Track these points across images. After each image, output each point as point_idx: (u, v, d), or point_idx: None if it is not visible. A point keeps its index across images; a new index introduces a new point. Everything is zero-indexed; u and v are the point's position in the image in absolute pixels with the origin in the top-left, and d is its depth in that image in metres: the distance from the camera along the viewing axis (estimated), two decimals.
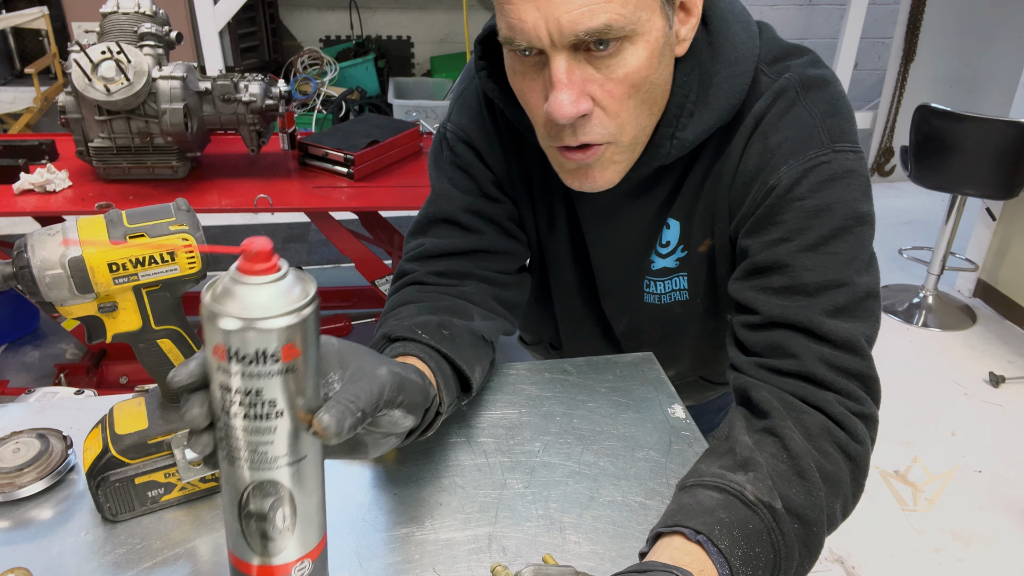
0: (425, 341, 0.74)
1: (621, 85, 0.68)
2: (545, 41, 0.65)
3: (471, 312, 0.84)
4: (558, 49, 0.65)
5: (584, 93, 0.68)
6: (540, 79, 0.70)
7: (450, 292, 0.85)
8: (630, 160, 0.76)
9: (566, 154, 0.74)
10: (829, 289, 0.71)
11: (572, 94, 0.67)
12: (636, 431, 0.84)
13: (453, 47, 4.98)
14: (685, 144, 0.77)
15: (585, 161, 0.73)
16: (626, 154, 0.75)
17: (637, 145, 0.75)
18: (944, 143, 2.72)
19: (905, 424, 2.48)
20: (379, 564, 0.67)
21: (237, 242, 0.48)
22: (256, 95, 1.86)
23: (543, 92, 0.70)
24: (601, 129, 0.71)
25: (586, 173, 0.75)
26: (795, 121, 0.74)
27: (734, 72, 0.75)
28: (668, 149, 0.77)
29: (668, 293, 0.92)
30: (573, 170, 0.76)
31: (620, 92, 0.69)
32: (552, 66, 0.66)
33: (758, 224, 0.75)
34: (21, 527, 0.71)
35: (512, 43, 0.67)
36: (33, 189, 1.89)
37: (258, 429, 0.51)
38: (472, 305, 0.85)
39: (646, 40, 0.67)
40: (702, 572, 0.57)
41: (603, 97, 0.69)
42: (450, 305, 0.82)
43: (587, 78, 0.67)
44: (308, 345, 0.51)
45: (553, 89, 0.67)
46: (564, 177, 0.78)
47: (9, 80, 4.85)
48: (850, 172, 0.73)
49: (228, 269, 0.49)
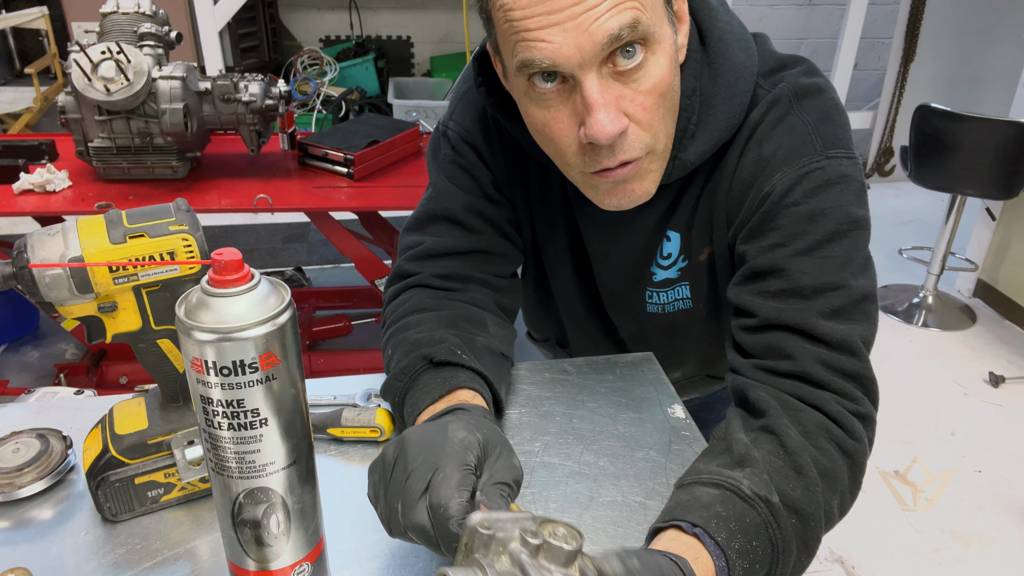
0: (468, 364, 0.75)
1: (651, 96, 0.68)
2: (574, 60, 0.64)
3: (485, 320, 0.84)
4: (587, 69, 0.65)
5: (619, 110, 0.67)
6: (567, 107, 0.68)
7: (460, 298, 0.85)
8: (662, 167, 0.76)
9: (603, 174, 0.72)
10: (824, 292, 0.71)
11: (611, 112, 0.66)
12: (636, 431, 0.84)
13: (453, 47, 4.97)
14: (687, 165, 0.78)
15: (624, 176, 0.72)
16: (660, 161, 0.75)
17: (667, 153, 0.75)
18: (944, 143, 2.72)
19: (905, 424, 2.48)
20: (379, 564, 0.67)
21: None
22: (256, 95, 1.86)
23: (573, 119, 0.69)
24: (638, 143, 0.70)
25: (624, 188, 0.74)
26: (788, 129, 0.75)
27: (733, 93, 0.76)
28: (670, 170, 0.77)
29: (671, 303, 0.92)
30: (610, 188, 0.74)
31: (651, 103, 0.69)
32: (585, 88, 0.65)
33: (754, 230, 0.76)
34: (21, 527, 0.71)
35: (533, 65, 0.65)
36: (33, 189, 1.89)
37: (243, 438, 0.51)
38: (485, 312, 0.86)
39: (663, 48, 0.67)
40: (697, 560, 0.58)
41: (635, 111, 0.68)
42: (466, 314, 0.83)
43: (619, 95, 0.67)
44: (287, 352, 0.51)
45: (591, 111, 0.66)
46: (599, 199, 0.76)
47: (9, 80, 4.85)
48: (844, 177, 0.73)
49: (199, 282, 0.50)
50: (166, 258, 0.65)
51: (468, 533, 0.49)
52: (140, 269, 0.64)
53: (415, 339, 0.78)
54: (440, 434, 0.58)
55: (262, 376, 0.50)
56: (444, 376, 0.73)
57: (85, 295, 0.64)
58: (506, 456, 0.60)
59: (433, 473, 0.55)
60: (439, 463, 0.55)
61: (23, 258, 0.62)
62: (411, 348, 0.77)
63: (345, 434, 0.81)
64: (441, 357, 0.74)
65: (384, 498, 0.57)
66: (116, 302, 0.66)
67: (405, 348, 0.78)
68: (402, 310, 0.84)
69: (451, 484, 0.54)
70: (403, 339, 0.79)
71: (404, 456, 0.57)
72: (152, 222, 0.65)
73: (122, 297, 0.66)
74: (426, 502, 0.54)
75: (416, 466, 0.56)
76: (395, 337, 0.81)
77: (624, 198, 0.75)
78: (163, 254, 0.64)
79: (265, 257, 3.40)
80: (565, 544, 0.48)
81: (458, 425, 0.59)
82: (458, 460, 0.56)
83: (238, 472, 0.53)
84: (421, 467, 0.55)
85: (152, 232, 0.64)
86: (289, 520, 0.56)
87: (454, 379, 0.73)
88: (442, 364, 0.75)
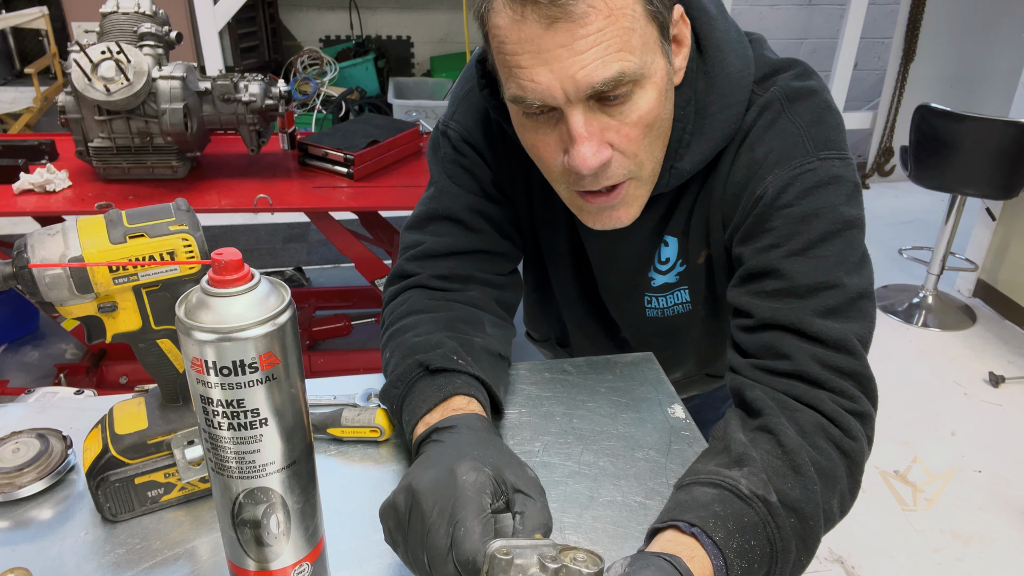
0: (464, 369, 0.75)
1: (636, 127, 0.70)
2: (560, 99, 0.66)
3: (483, 321, 0.84)
4: (574, 104, 0.66)
5: (603, 142, 0.69)
6: (554, 133, 0.71)
7: (458, 299, 0.86)
8: (648, 192, 0.78)
9: (588, 198, 0.75)
10: (819, 291, 0.72)
11: (593, 145, 0.68)
12: (636, 431, 0.84)
13: (453, 47, 4.97)
14: (683, 174, 0.78)
15: (609, 203, 0.75)
16: (645, 187, 0.77)
17: (654, 176, 0.77)
18: (944, 143, 2.72)
19: (905, 424, 2.48)
20: (379, 564, 0.67)
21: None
22: (256, 95, 1.86)
23: (559, 145, 0.71)
24: (622, 170, 0.72)
25: (609, 214, 0.77)
26: (780, 132, 0.76)
27: (729, 102, 0.76)
28: (667, 180, 0.79)
29: (671, 307, 0.93)
30: (595, 212, 0.77)
31: (636, 134, 0.70)
32: (570, 122, 0.67)
33: (749, 232, 0.76)
34: (21, 527, 0.71)
35: (523, 102, 0.68)
36: (33, 189, 1.89)
37: (243, 438, 0.51)
38: (482, 312, 0.86)
39: (653, 82, 0.69)
40: (693, 559, 0.58)
41: (620, 141, 0.70)
42: (463, 315, 0.83)
43: (604, 127, 0.69)
44: (287, 352, 0.51)
45: (574, 144, 0.68)
46: (585, 219, 0.79)
47: (9, 80, 4.85)
48: (836, 178, 0.74)
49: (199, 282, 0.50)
50: (166, 258, 0.65)
51: (488, 560, 0.50)
52: (140, 269, 0.64)
53: (412, 343, 0.78)
54: (450, 481, 0.57)
55: (262, 376, 0.50)
56: (440, 383, 0.74)
57: (85, 295, 0.64)
58: (533, 504, 0.59)
59: (454, 528, 0.54)
60: (457, 516, 0.55)
61: (23, 258, 0.62)
62: (408, 353, 0.77)
63: (345, 434, 0.81)
64: (437, 364, 0.75)
65: (404, 545, 0.57)
66: (116, 302, 0.66)
67: (402, 353, 0.78)
68: (400, 311, 0.84)
69: (474, 537, 0.54)
70: (400, 342, 0.79)
71: (419, 508, 0.56)
72: (152, 222, 0.65)
73: (122, 297, 0.66)
74: (452, 558, 0.54)
75: (434, 519, 0.55)
76: (393, 340, 0.81)
77: (609, 222, 0.77)
78: (163, 254, 0.64)
79: (265, 257, 3.40)
80: (584, 568, 0.48)
81: (466, 467, 0.58)
82: (475, 508, 0.55)
83: (238, 472, 0.53)
84: (439, 519, 0.55)
85: (152, 232, 0.64)
86: (289, 520, 0.56)
87: (449, 385, 0.73)
88: (438, 371, 0.75)
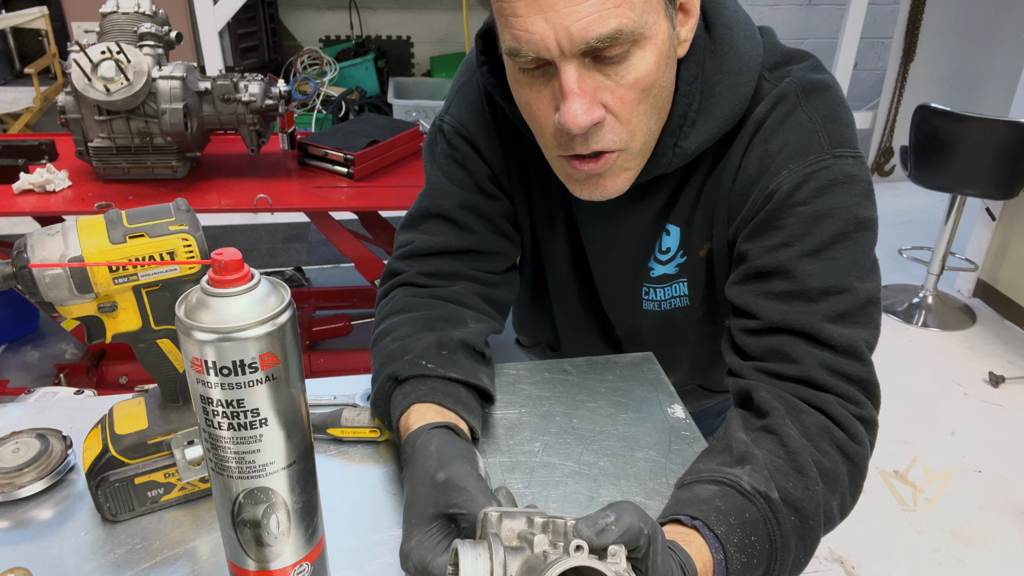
0: (432, 373, 0.74)
1: (632, 90, 0.68)
2: (554, 51, 0.64)
3: (464, 316, 0.84)
4: (568, 58, 0.65)
5: (596, 101, 0.67)
6: (548, 90, 0.69)
7: (440, 294, 0.85)
8: (639, 166, 0.76)
9: (576, 164, 0.73)
10: (830, 295, 0.71)
11: (585, 103, 0.66)
12: (636, 431, 0.84)
13: (453, 47, 4.97)
14: (687, 153, 0.76)
15: (596, 171, 0.73)
16: (636, 160, 0.74)
17: (646, 151, 0.75)
18: (944, 143, 2.71)
19: (905, 424, 2.48)
20: (379, 564, 0.67)
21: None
22: (256, 95, 1.86)
23: (552, 103, 0.69)
24: (613, 136, 0.70)
25: (596, 182, 0.74)
26: (795, 126, 0.74)
27: (737, 81, 0.75)
28: (670, 158, 0.77)
29: (668, 300, 0.92)
30: (582, 180, 0.75)
31: (631, 97, 0.68)
32: (562, 76, 0.65)
33: (758, 228, 0.75)
34: (21, 527, 0.71)
35: (518, 54, 0.66)
36: (33, 189, 1.89)
37: (243, 438, 0.51)
38: (464, 308, 0.85)
39: (653, 44, 0.67)
40: (690, 544, 0.58)
41: (614, 104, 0.68)
42: (443, 314, 0.82)
43: (598, 86, 0.67)
44: (287, 352, 0.51)
45: (565, 99, 0.66)
46: (572, 187, 0.77)
47: (9, 80, 4.85)
48: (851, 177, 0.73)
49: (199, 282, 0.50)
50: (166, 258, 0.65)
51: (481, 523, 0.51)
52: (140, 269, 0.64)
53: (390, 350, 0.78)
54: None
55: (262, 376, 0.50)
56: (405, 391, 0.73)
57: (85, 295, 0.64)
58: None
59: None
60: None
61: (23, 258, 0.62)
62: (384, 363, 0.77)
63: (345, 434, 0.81)
64: (405, 373, 0.74)
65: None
66: (116, 302, 0.66)
67: (380, 361, 0.78)
68: (385, 311, 0.84)
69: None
70: (380, 348, 0.80)
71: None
72: (152, 222, 0.65)
73: (122, 297, 0.66)
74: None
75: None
76: (376, 344, 0.82)
77: (596, 191, 0.75)
78: (163, 254, 0.64)
79: (265, 257, 3.40)
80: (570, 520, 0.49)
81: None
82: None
83: (238, 472, 0.53)
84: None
85: (152, 232, 0.64)
86: (289, 520, 0.56)
87: (415, 395, 0.73)
88: (405, 380, 0.75)
